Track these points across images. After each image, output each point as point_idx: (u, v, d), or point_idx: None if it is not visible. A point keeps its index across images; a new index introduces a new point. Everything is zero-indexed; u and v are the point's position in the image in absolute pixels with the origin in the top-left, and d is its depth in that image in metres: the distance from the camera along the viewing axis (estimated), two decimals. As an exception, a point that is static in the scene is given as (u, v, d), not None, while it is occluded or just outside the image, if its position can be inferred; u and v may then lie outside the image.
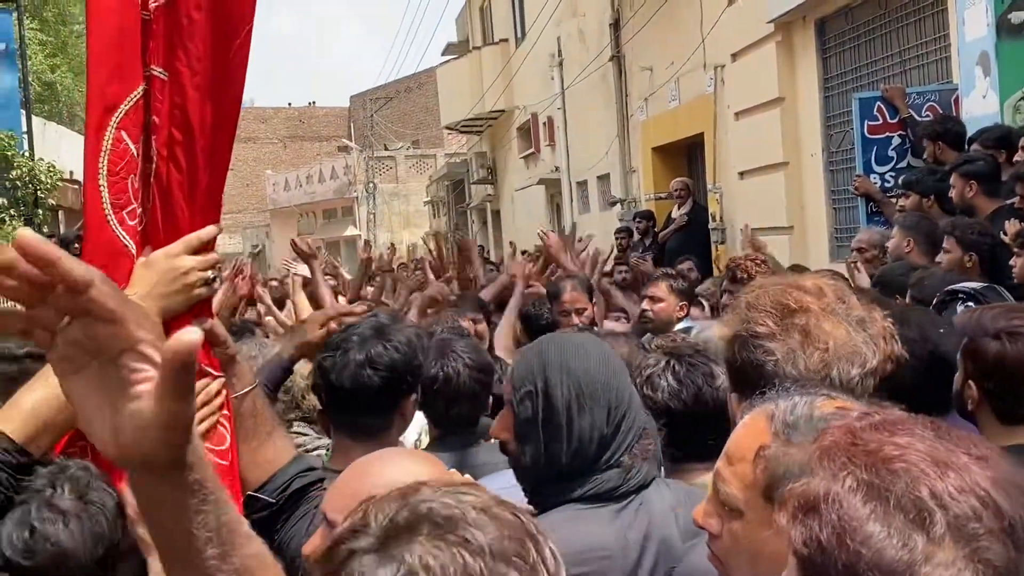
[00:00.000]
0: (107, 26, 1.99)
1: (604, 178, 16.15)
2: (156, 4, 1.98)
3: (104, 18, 1.99)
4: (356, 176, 41.35)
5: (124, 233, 1.99)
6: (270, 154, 53.53)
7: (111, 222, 1.99)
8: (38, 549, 1.67)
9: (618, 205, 14.76)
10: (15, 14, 13.17)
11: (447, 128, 28.12)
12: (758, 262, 5.41)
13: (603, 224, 15.82)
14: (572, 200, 17.93)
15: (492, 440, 2.67)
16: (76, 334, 0.94)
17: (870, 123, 7.17)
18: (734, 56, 10.48)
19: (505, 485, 2.52)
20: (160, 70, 1.99)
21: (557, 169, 18.45)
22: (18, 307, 0.94)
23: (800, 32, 9.29)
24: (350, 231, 41.65)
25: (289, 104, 57.11)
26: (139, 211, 2.01)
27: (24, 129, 13.06)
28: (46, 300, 0.92)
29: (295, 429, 3.50)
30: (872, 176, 7.15)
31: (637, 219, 11.73)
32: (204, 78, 1.92)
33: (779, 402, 1.59)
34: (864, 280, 5.15)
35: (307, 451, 3.26)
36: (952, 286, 3.64)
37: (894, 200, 6.58)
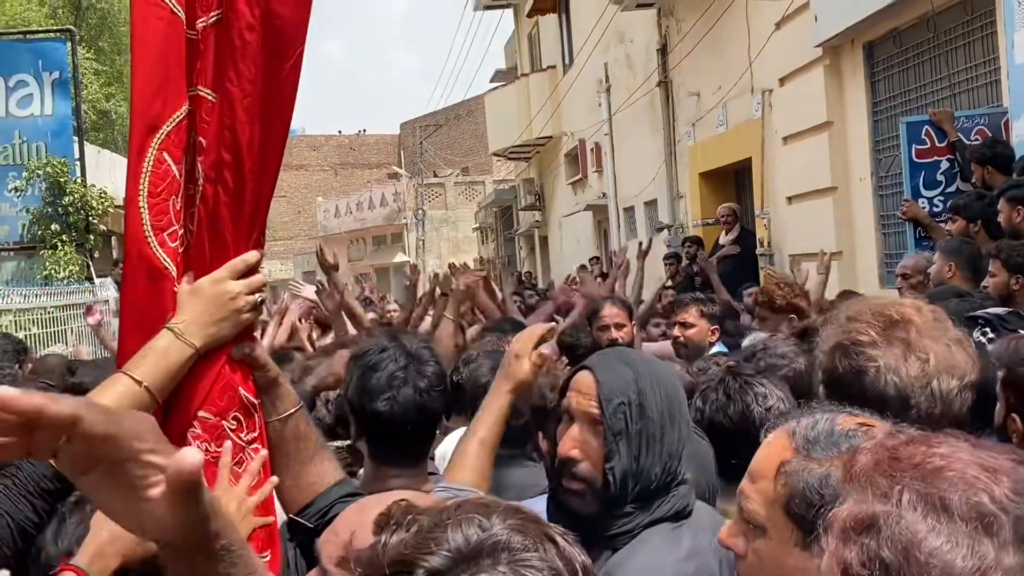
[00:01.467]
0: (150, 47, 1.99)
1: (651, 204, 16.11)
2: (204, 24, 1.98)
3: (148, 39, 1.99)
4: (405, 203, 41.61)
5: (164, 255, 1.98)
6: (321, 181, 54.06)
7: (151, 244, 1.99)
8: None
9: (665, 231, 14.71)
10: (69, 44, 13.45)
11: (495, 155, 28.24)
12: (791, 289, 5.34)
13: (651, 250, 15.78)
14: (619, 226, 17.89)
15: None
16: (76, 449, 0.97)
17: (918, 147, 7.09)
18: (782, 80, 10.43)
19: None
20: (208, 91, 1.98)
21: (604, 195, 18.43)
22: None
23: (848, 56, 9.22)
24: (399, 257, 41.86)
25: (339, 132, 57.71)
26: (180, 232, 2.01)
27: (77, 156, 13.30)
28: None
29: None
30: (920, 201, 7.07)
31: (687, 244, 11.69)
32: (254, 100, 1.92)
33: (800, 419, 1.57)
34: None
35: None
36: (973, 312, 3.56)
37: (942, 225, 6.50)
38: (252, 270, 2.00)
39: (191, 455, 0.98)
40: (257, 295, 2.00)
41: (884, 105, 8.84)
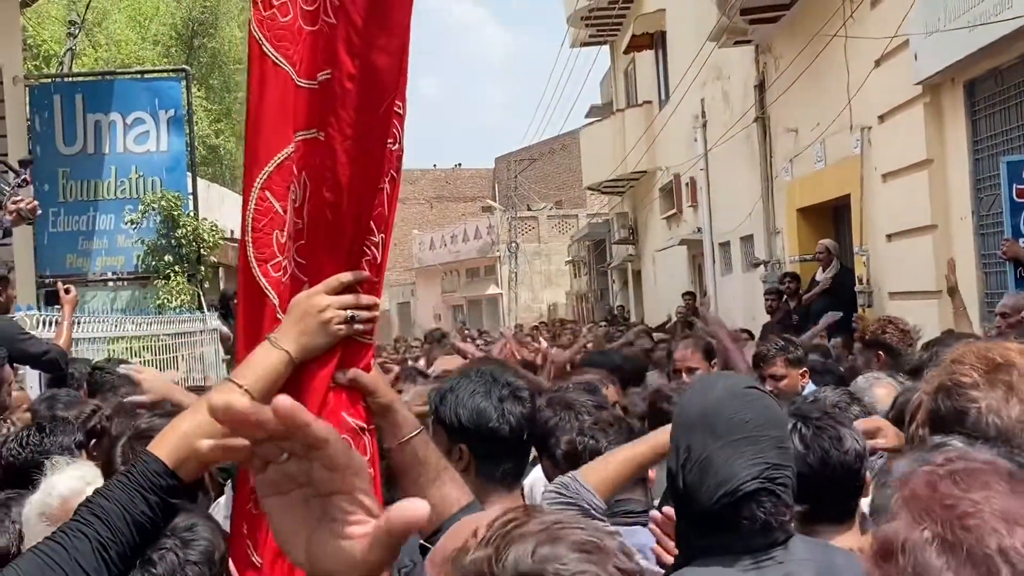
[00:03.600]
0: (260, 94, 2.19)
1: (747, 239, 16.06)
2: (325, 77, 2.19)
3: (258, 87, 2.19)
4: (499, 235, 41.87)
5: (267, 284, 2.14)
6: (417, 214, 54.75)
7: (255, 273, 2.16)
8: None
9: (761, 267, 14.66)
10: (184, 82, 13.99)
11: (589, 188, 28.35)
12: (880, 324, 5.30)
13: (745, 286, 15.74)
14: (714, 261, 17.86)
15: None
16: (291, 469, 1.02)
17: (1019, 186, 7.05)
18: (881, 118, 10.39)
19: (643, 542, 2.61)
20: (324, 135, 2.18)
21: (699, 230, 18.41)
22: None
23: (949, 94, 9.18)
24: (492, 290, 42.15)
25: (435, 166, 58.42)
26: (284, 263, 2.16)
27: (190, 191, 13.78)
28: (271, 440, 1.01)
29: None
30: (1021, 240, 7.02)
31: (787, 279, 11.66)
32: (353, 143, 2.04)
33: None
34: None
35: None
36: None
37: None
38: (349, 289, 2.10)
39: (420, 505, 0.99)
40: (349, 312, 2.08)
41: (985, 143, 8.77)
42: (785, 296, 11.44)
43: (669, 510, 2.47)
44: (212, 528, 2.10)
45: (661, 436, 2.68)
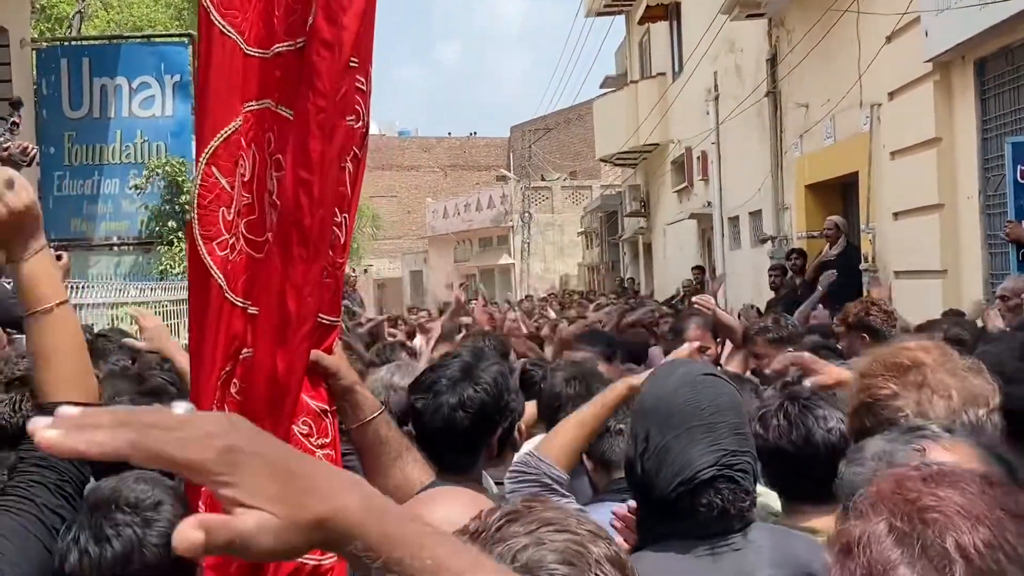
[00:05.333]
0: (207, 64, 2.15)
1: (756, 214, 15.99)
2: (288, 49, 2.12)
3: (205, 57, 2.16)
4: (512, 205, 41.78)
5: (212, 263, 2.11)
6: (431, 182, 54.69)
7: (201, 251, 2.13)
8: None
9: (769, 242, 14.58)
10: (190, 47, 13.95)
11: (602, 160, 28.23)
12: (864, 307, 5.20)
13: (754, 260, 15.67)
14: (723, 236, 17.78)
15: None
16: None
17: (1023, 168, 6.95)
18: (891, 95, 10.28)
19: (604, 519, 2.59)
20: (288, 111, 2.09)
21: (709, 204, 18.33)
22: None
23: (959, 72, 9.06)
24: (504, 259, 42.11)
25: (449, 134, 58.30)
26: (231, 241, 2.12)
27: (194, 156, 13.77)
28: None
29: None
30: (1025, 222, 6.94)
31: (794, 255, 11.57)
32: (328, 115, 1.99)
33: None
34: (998, 325, 5.02)
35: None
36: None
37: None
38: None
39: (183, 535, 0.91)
40: None
41: (994, 123, 8.66)
42: (791, 272, 11.36)
43: (622, 510, 2.47)
44: (179, 506, 2.03)
45: (608, 394, 2.77)
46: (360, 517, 0.94)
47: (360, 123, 2.08)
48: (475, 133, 58.51)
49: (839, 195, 12.92)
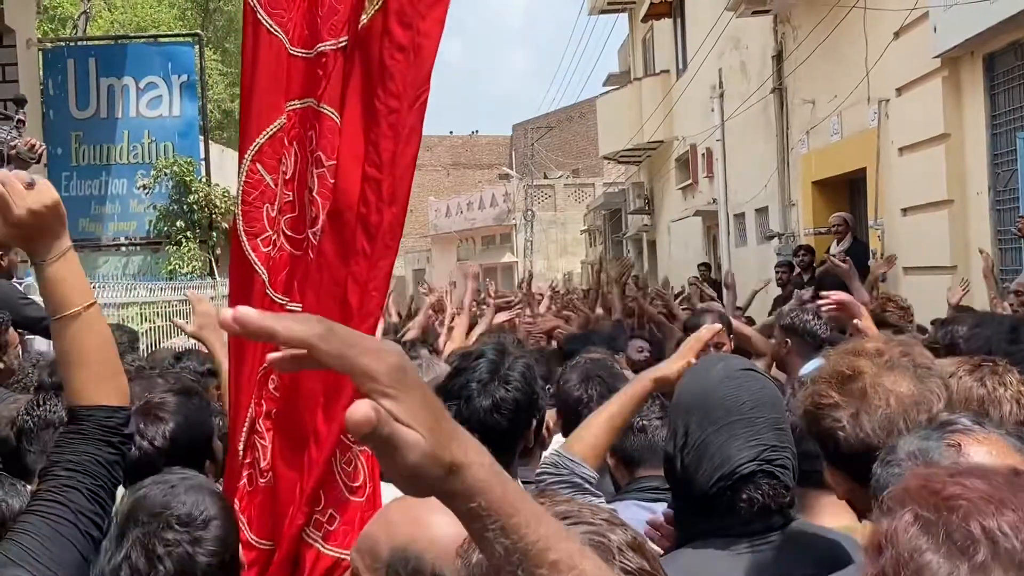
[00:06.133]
0: (250, 65, 2.16)
1: (762, 211, 15.98)
2: (332, 48, 2.13)
3: (249, 57, 2.16)
4: (515, 203, 41.79)
5: (256, 259, 2.13)
6: (433, 181, 54.63)
7: (245, 247, 2.15)
8: None
9: (775, 239, 14.57)
10: (197, 47, 13.96)
11: (605, 158, 28.21)
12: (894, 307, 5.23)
13: (760, 257, 15.66)
14: (729, 233, 17.76)
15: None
16: None
17: (1036, 162, 6.96)
18: (899, 91, 10.28)
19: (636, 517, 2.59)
20: (332, 110, 2.10)
21: (714, 201, 18.32)
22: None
23: (968, 67, 9.05)
24: (507, 258, 42.13)
25: (452, 132, 58.25)
26: (273, 238, 2.14)
27: (202, 156, 13.77)
28: None
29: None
30: (1038, 217, 6.93)
31: (802, 252, 11.57)
32: (400, 115, 1.99)
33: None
34: (1006, 317, 5.02)
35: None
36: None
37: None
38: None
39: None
40: None
41: (1003, 118, 8.66)
42: (799, 269, 11.36)
43: (657, 518, 2.46)
44: (226, 517, 1.99)
45: (631, 389, 2.73)
46: (489, 478, 1.01)
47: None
48: (477, 131, 58.45)
49: (846, 191, 12.92)
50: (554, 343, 6.93)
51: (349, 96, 2.04)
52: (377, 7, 1.98)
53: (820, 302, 3.93)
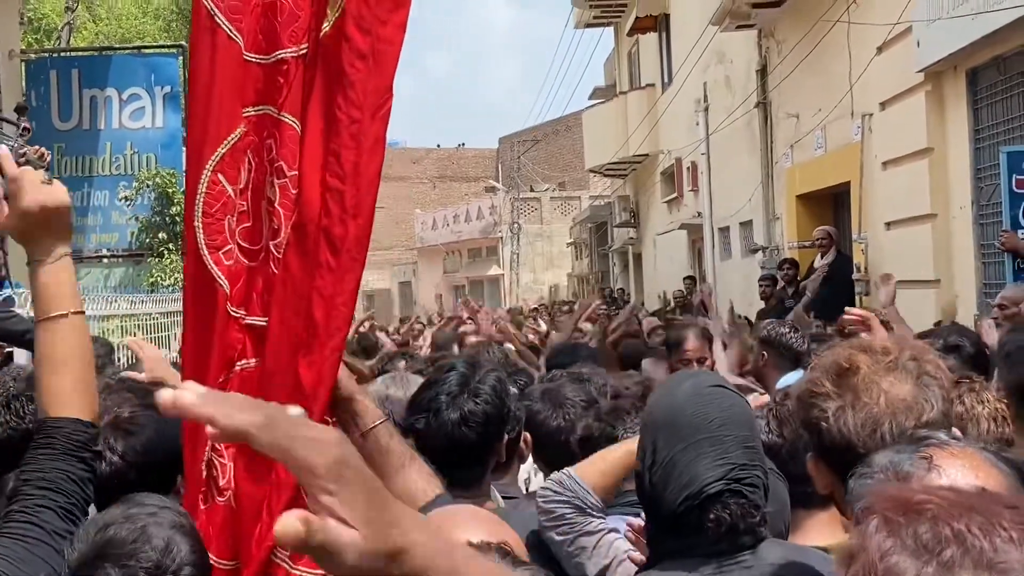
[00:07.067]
0: (205, 72, 2.11)
1: (747, 225, 16.00)
2: (293, 55, 2.08)
3: (202, 64, 2.11)
4: (501, 216, 41.81)
5: (219, 272, 2.08)
6: (420, 193, 54.61)
7: (207, 261, 2.09)
8: None
9: (760, 252, 14.59)
10: (181, 58, 13.93)
11: (591, 171, 28.25)
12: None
13: (744, 271, 15.67)
14: (714, 246, 17.78)
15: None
16: None
17: (1019, 177, 6.97)
18: (882, 105, 10.30)
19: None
20: (292, 119, 2.05)
21: (699, 215, 18.35)
22: None
23: (951, 82, 9.07)
24: (494, 270, 42.12)
25: (438, 145, 58.25)
26: (235, 251, 2.09)
27: (184, 168, 13.72)
28: None
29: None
30: (1020, 232, 6.94)
31: (786, 266, 11.59)
32: (361, 126, 1.94)
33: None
34: (994, 337, 5.00)
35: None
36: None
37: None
38: None
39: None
40: None
41: (986, 132, 8.68)
42: (782, 283, 11.37)
43: (639, 523, 2.42)
44: (200, 565, 1.92)
45: None
46: (433, 555, 0.98)
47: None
48: (464, 144, 58.46)
49: (830, 205, 12.94)
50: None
51: (311, 105, 2.00)
52: (338, 13, 1.94)
53: (845, 317, 4.03)
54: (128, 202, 13.24)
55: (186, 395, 0.90)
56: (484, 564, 1.04)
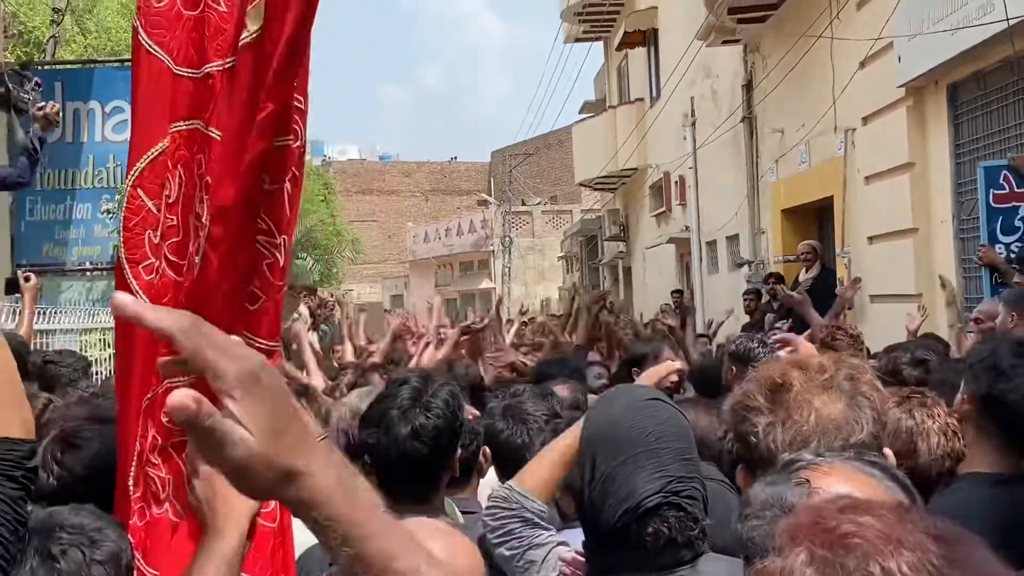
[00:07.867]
0: (136, 85, 2.10)
1: (733, 239, 16.02)
2: (219, 69, 2.06)
3: (135, 78, 2.11)
4: (493, 230, 41.87)
5: (138, 287, 2.05)
6: (412, 207, 54.72)
7: (127, 275, 2.07)
8: None
9: (746, 266, 14.60)
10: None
11: (581, 185, 28.30)
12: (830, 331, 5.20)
13: (731, 285, 15.68)
14: (701, 260, 17.80)
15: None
16: None
17: (996, 192, 6.97)
18: (864, 120, 10.32)
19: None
20: (217, 132, 2.02)
21: (687, 228, 18.37)
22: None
23: (932, 97, 9.09)
24: (485, 284, 42.14)
25: (430, 159, 58.40)
26: (156, 265, 2.06)
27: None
28: None
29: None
30: (997, 246, 6.95)
31: (771, 279, 11.57)
32: (268, 141, 1.91)
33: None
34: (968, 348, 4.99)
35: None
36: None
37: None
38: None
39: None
40: None
41: (967, 147, 8.69)
42: (766, 297, 11.36)
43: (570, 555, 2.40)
44: (120, 533, 1.99)
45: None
46: (331, 490, 1.01)
47: (298, 143, 2.02)
48: (456, 158, 58.65)
49: (814, 219, 12.95)
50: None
51: (229, 118, 1.97)
52: (259, 25, 1.91)
53: (771, 340, 4.05)
54: (110, 215, 13.13)
55: (125, 298, 0.98)
56: (387, 518, 1.06)
